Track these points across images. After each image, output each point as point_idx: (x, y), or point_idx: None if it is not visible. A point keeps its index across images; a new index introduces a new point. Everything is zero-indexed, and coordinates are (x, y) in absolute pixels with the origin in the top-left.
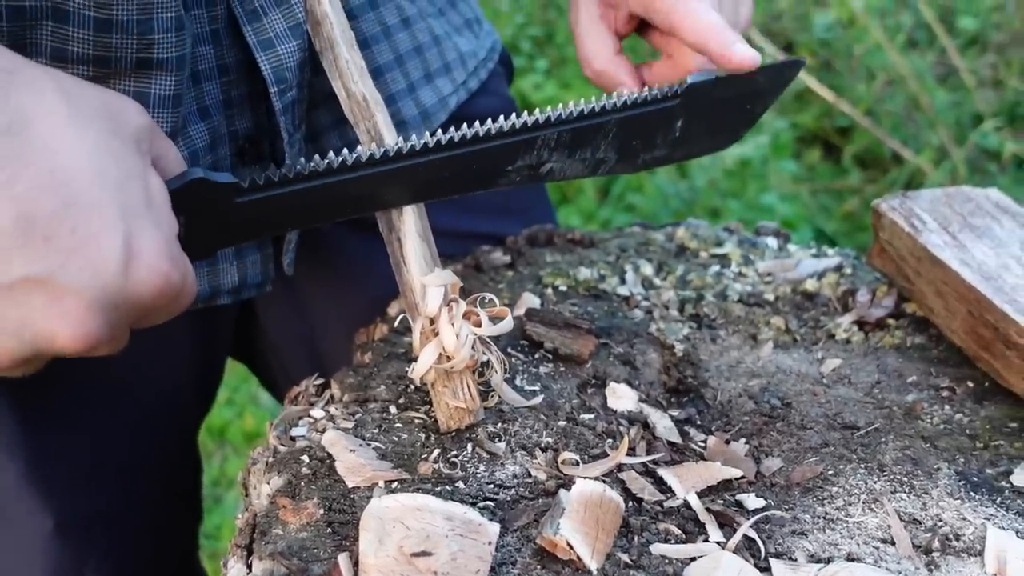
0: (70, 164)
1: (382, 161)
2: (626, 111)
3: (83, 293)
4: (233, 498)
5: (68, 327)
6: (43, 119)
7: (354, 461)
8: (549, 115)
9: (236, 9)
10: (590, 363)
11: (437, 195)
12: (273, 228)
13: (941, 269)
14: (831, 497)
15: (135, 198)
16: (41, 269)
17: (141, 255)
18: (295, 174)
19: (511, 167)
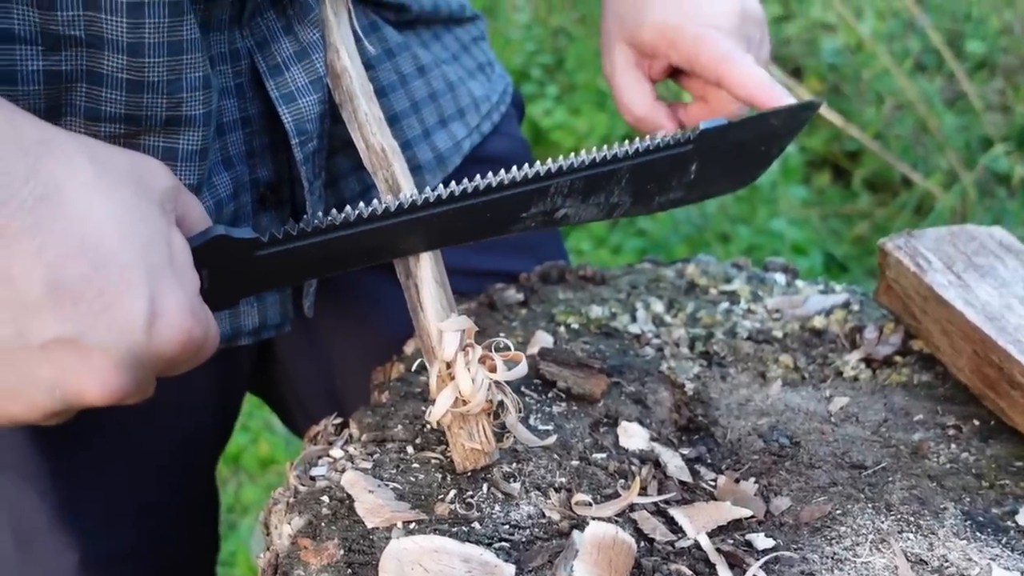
0: (98, 229)
1: (398, 213)
2: (638, 158)
3: (110, 352)
4: (248, 524)
5: (97, 384)
6: (72, 186)
7: (373, 502)
8: (562, 164)
9: (259, 65)
10: (602, 402)
11: (452, 242)
12: (293, 278)
13: (946, 308)
14: (839, 537)
15: (159, 258)
16: (71, 330)
17: (165, 315)
18: (313, 228)
19: (525, 214)
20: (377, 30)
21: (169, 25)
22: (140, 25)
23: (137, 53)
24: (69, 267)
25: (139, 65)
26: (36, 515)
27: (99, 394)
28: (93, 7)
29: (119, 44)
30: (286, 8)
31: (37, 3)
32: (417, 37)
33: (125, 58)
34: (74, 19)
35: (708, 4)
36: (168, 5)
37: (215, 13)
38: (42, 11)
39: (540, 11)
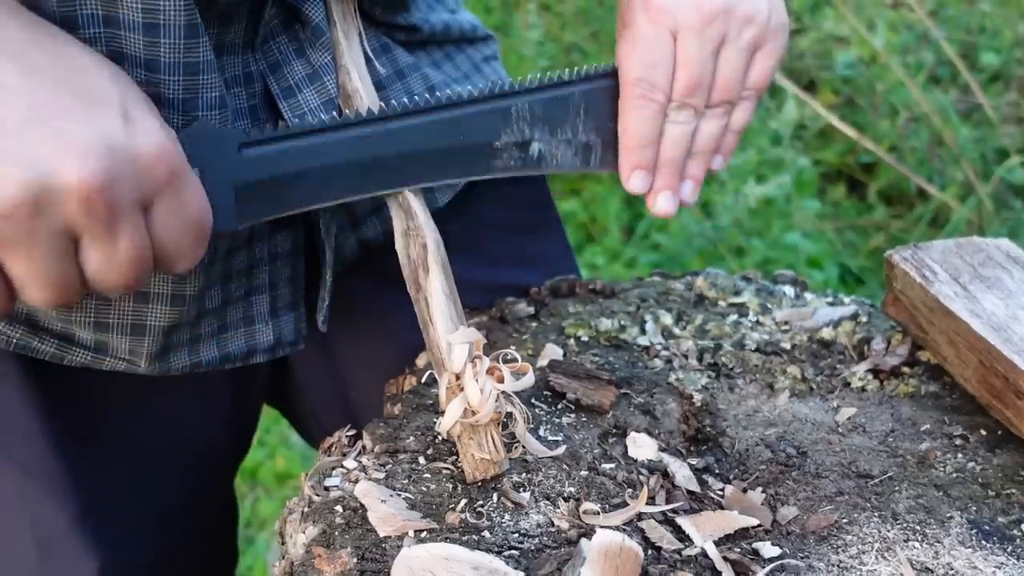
0: (86, 62)
1: (371, 121)
2: (583, 82)
3: (86, 135)
4: (265, 539)
5: (72, 161)
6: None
7: (385, 511)
8: (514, 85)
9: (272, 87)
10: (611, 413)
11: (434, 173)
12: (284, 196)
13: (952, 320)
14: (845, 545)
15: (135, 92)
16: (45, 114)
17: (139, 123)
18: (295, 128)
19: (498, 143)
20: (388, 51)
21: (185, 46)
22: (156, 44)
23: (154, 69)
24: (46, 74)
25: (156, 80)
26: (57, 523)
27: (75, 173)
28: (113, 25)
29: (138, 60)
30: (298, 32)
31: (62, 22)
32: (428, 57)
33: (144, 73)
34: (96, 36)
35: None
36: (183, 27)
37: (229, 37)
38: (66, 29)
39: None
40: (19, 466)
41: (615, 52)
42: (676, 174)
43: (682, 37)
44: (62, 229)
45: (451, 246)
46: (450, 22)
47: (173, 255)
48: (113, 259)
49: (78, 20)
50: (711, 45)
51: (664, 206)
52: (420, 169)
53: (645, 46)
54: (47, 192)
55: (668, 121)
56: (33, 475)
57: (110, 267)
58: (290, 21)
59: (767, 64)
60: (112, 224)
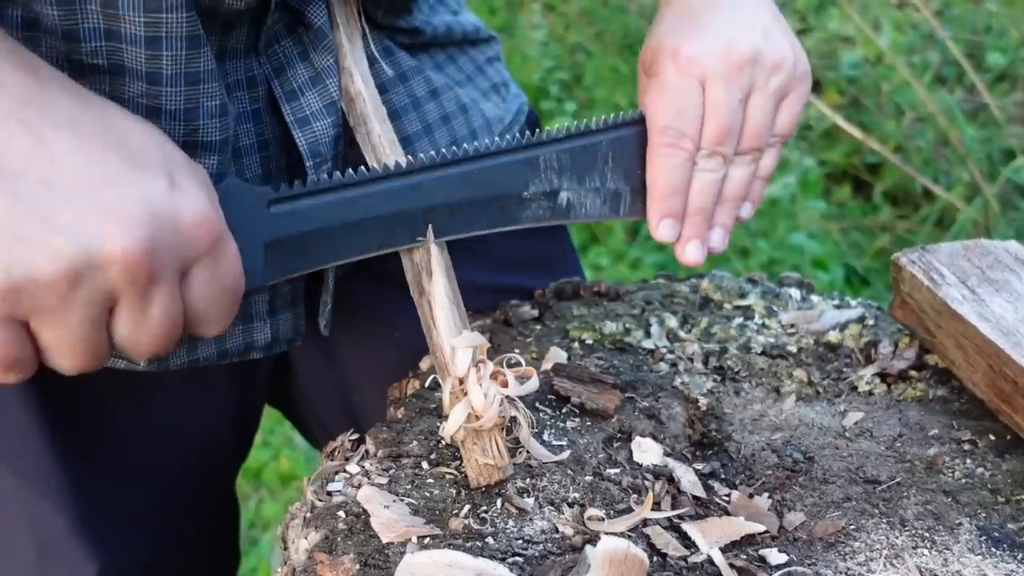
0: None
1: (399, 175)
2: (610, 130)
3: (132, 205)
4: (269, 540)
5: (118, 232)
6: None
7: (388, 517)
8: (542, 135)
9: (276, 90)
10: (616, 417)
11: (463, 225)
12: (310, 252)
13: (960, 323)
14: (853, 552)
15: (179, 157)
16: (95, 184)
17: (184, 188)
18: (322, 185)
19: (527, 194)
20: (391, 55)
21: (186, 57)
22: (158, 56)
23: (155, 82)
24: (96, 141)
25: (157, 93)
26: (56, 525)
27: (120, 242)
28: (115, 38)
29: (139, 73)
30: (302, 35)
31: (63, 35)
32: (431, 60)
33: (144, 86)
34: (97, 49)
35: (702, 36)
36: (185, 38)
37: (231, 43)
38: (68, 42)
39: (557, 28)
40: (18, 470)
41: (640, 100)
42: (705, 222)
43: (711, 85)
44: (100, 297)
45: (454, 249)
46: (452, 24)
47: (205, 320)
48: (146, 325)
49: (80, 33)
50: (740, 93)
51: (693, 255)
52: (449, 221)
53: (673, 95)
54: (91, 262)
55: (697, 169)
56: (32, 479)
57: (141, 334)
58: (294, 25)
59: (793, 111)
60: (150, 290)
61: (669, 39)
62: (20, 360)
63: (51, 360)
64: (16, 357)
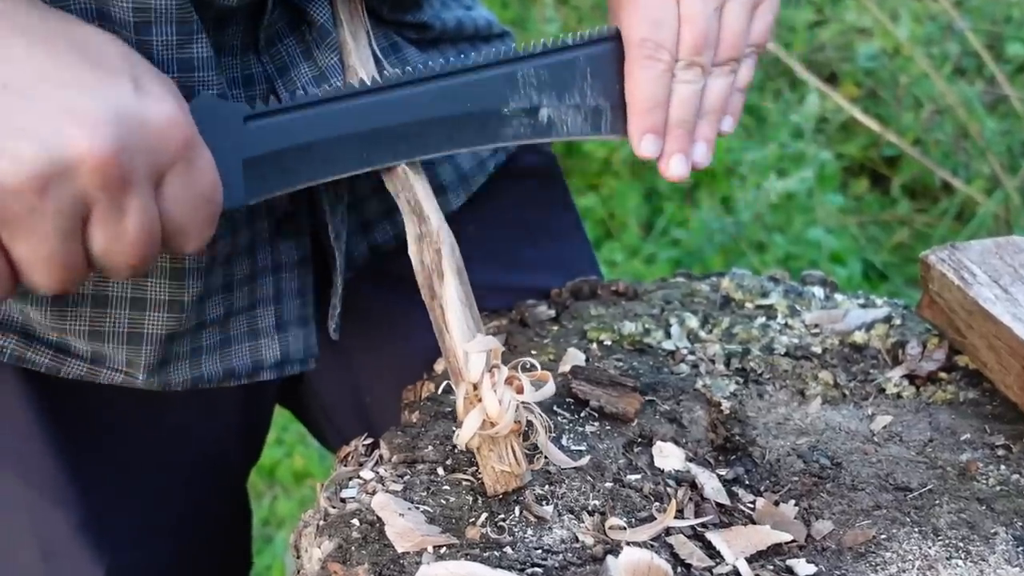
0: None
1: (377, 90)
2: (587, 46)
3: (97, 104)
4: (283, 538)
5: (85, 133)
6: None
7: (403, 526)
8: (519, 50)
9: (279, 89)
10: (636, 421)
11: (443, 142)
12: (289, 170)
13: (993, 323)
14: (884, 563)
15: (144, 64)
16: (57, 85)
17: (150, 92)
18: (299, 100)
19: (507, 110)
20: (398, 51)
21: (178, 43)
22: (148, 42)
23: None
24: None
25: None
26: (61, 528)
27: (86, 144)
28: (107, 19)
29: None
30: (305, 34)
31: None
32: (441, 55)
33: None
34: None
35: None
36: (175, 23)
37: (227, 39)
38: None
39: (570, 21)
40: (23, 472)
41: (611, 17)
42: (688, 136)
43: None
44: (71, 205)
45: (467, 249)
46: (464, 19)
47: (183, 232)
48: (122, 236)
49: (71, 12)
50: (715, 2)
51: (677, 169)
52: (428, 138)
53: (649, 6)
54: (58, 166)
55: (676, 81)
56: (37, 481)
57: (118, 245)
58: (296, 22)
59: (767, 19)
60: (122, 198)
61: None
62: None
63: (27, 277)
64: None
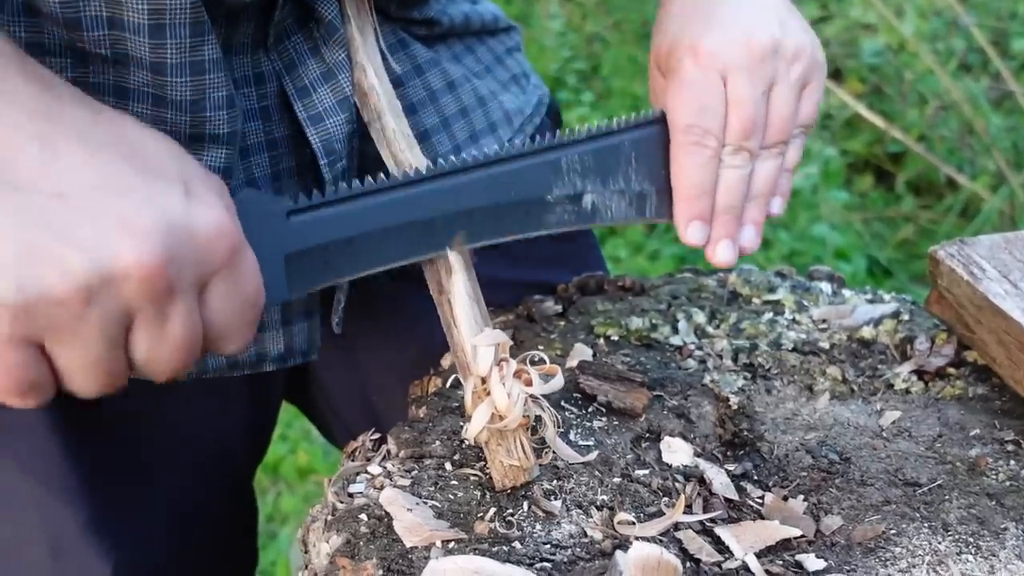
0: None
1: (419, 181)
2: (632, 130)
3: (147, 214)
4: (287, 534)
5: (133, 246)
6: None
7: (412, 520)
8: (563, 137)
9: (287, 87)
10: (644, 416)
11: (487, 232)
12: (332, 264)
13: (1003, 319)
14: (894, 558)
15: (195, 167)
16: (109, 195)
17: (200, 199)
18: (342, 195)
19: (551, 197)
20: (406, 47)
21: (191, 45)
22: (162, 45)
23: (160, 71)
24: (110, 152)
25: (162, 82)
26: (70, 527)
27: (135, 256)
28: (118, 27)
29: (143, 62)
30: (313, 30)
31: (65, 23)
32: (449, 51)
33: (149, 75)
34: (100, 38)
35: (720, 30)
36: (188, 25)
37: (237, 38)
38: (70, 30)
39: (574, 18)
40: (31, 469)
41: (654, 99)
42: (735, 221)
43: (733, 79)
44: (116, 314)
45: None
46: (470, 13)
47: (225, 336)
48: (165, 343)
49: (82, 22)
50: (763, 85)
51: (724, 255)
52: (473, 228)
53: (695, 91)
54: (105, 277)
55: (723, 166)
56: (45, 478)
57: (161, 352)
58: (304, 19)
59: (815, 100)
60: (168, 306)
61: (686, 35)
62: (37, 383)
63: (69, 382)
64: (33, 380)
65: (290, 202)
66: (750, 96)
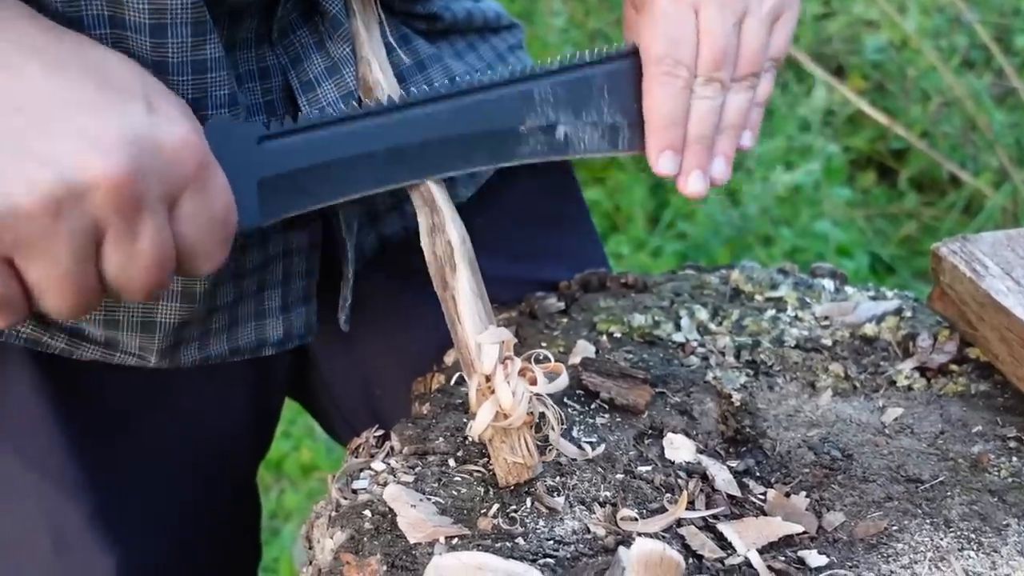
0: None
1: (394, 108)
2: (604, 63)
3: (111, 127)
4: (291, 530)
5: (98, 155)
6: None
7: (415, 516)
8: (536, 68)
9: (292, 81)
10: (647, 413)
11: (460, 161)
12: (305, 191)
13: (1005, 316)
14: (896, 554)
15: (158, 84)
16: (70, 105)
17: (164, 114)
18: (314, 121)
19: (524, 128)
20: (408, 42)
21: (192, 44)
22: (164, 44)
23: (162, 70)
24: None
25: (164, 81)
26: (74, 520)
27: (101, 167)
28: (120, 26)
29: (145, 61)
30: (318, 24)
31: (67, 22)
32: (451, 47)
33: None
34: (102, 37)
35: None
36: (190, 24)
37: (241, 33)
38: (72, 29)
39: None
40: (35, 464)
41: (627, 33)
42: (706, 152)
43: (705, 10)
44: (85, 227)
45: (477, 241)
46: (473, 10)
47: (197, 255)
48: (136, 258)
49: (84, 21)
50: (734, 17)
51: (696, 186)
52: (445, 157)
53: (668, 23)
54: (72, 190)
55: (695, 97)
56: (48, 471)
57: (133, 268)
58: (309, 13)
59: (786, 33)
60: (136, 220)
61: None
62: (8, 300)
63: (41, 301)
64: (3, 296)
65: (262, 128)
66: (721, 27)
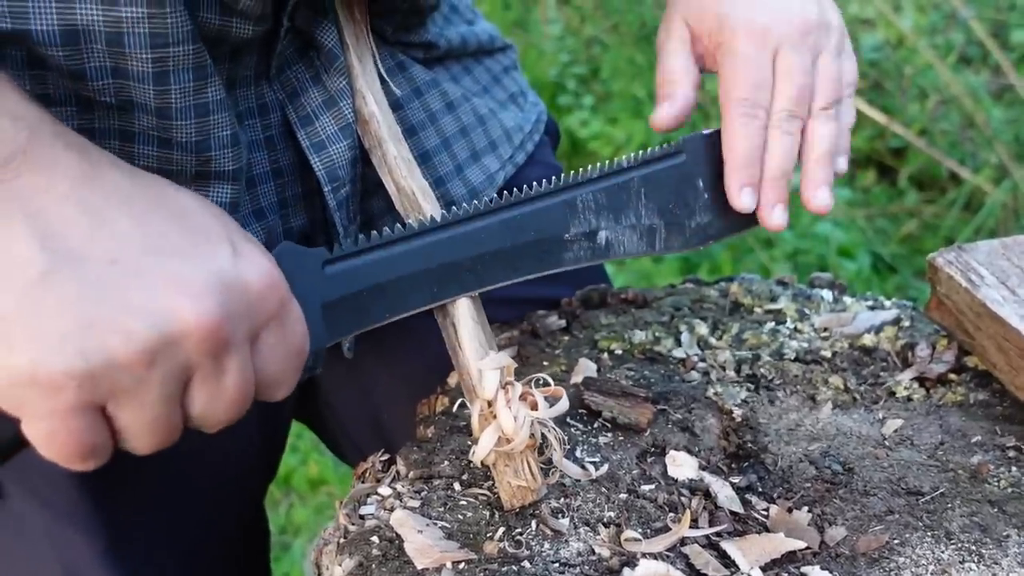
0: (183, 199)
1: (445, 226)
2: (644, 167)
3: (199, 276)
4: (300, 545)
5: (190, 304)
6: (169, 184)
7: (422, 542)
8: (577, 176)
9: (291, 115)
10: (649, 431)
11: (509, 272)
12: (364, 311)
13: (1001, 325)
14: (898, 568)
15: (235, 224)
16: (163, 259)
17: (246, 254)
18: (373, 243)
19: (568, 235)
20: (405, 70)
21: (195, 88)
22: (167, 91)
23: (165, 116)
24: (155, 215)
25: (168, 126)
26: (84, 556)
27: (193, 316)
28: (122, 76)
29: (148, 107)
30: (313, 59)
31: (69, 74)
32: (447, 72)
33: (155, 120)
34: (105, 87)
35: (767, 6)
36: (192, 69)
37: (240, 72)
38: (74, 80)
39: (573, 22)
40: (45, 499)
41: (664, 45)
42: (786, 187)
43: (785, 52)
44: (176, 372)
45: None
46: (467, 35)
47: (274, 383)
48: (221, 396)
49: (86, 72)
50: (811, 55)
51: (778, 220)
52: (496, 269)
53: (748, 66)
54: (167, 339)
55: (780, 132)
56: (58, 508)
57: (217, 405)
58: (304, 48)
59: (852, 59)
60: (224, 360)
61: (737, 9)
62: (98, 447)
63: (127, 442)
64: (94, 444)
65: (325, 252)
66: (800, 67)
